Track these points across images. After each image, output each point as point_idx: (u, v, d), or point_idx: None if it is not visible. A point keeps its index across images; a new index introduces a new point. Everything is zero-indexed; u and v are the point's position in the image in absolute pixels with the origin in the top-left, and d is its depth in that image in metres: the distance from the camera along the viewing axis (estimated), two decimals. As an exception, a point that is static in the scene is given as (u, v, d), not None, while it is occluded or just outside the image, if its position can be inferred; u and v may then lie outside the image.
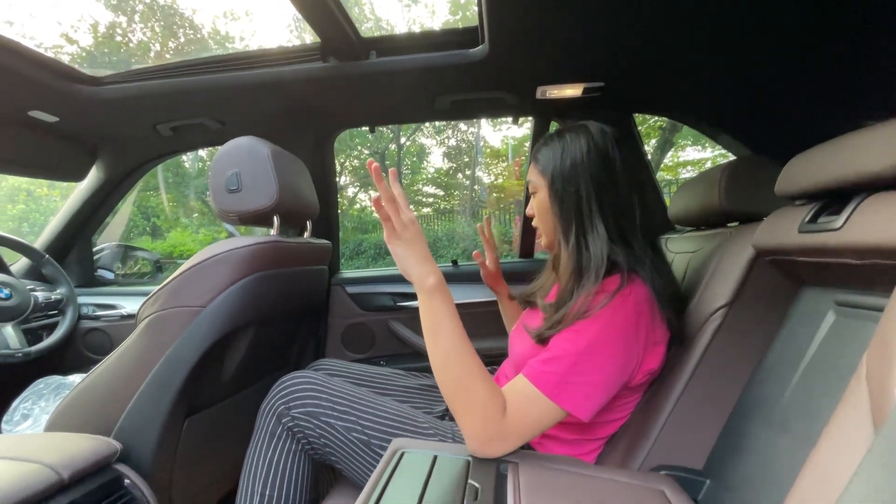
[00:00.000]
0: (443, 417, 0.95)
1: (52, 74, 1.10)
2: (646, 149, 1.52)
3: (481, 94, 1.24)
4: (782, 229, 0.63)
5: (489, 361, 0.73)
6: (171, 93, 1.18)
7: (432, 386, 1.08)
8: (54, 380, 1.17)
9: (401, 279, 1.56)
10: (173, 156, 1.65)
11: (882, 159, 0.47)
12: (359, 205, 9.49)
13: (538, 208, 0.80)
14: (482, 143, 9.64)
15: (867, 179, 0.50)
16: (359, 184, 9.50)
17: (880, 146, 0.48)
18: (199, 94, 1.19)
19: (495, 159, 9.36)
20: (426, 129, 9.52)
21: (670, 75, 1.13)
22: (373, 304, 1.55)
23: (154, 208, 8.00)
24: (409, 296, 1.54)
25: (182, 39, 8.56)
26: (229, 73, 1.13)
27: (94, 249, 1.79)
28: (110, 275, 1.85)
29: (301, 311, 1.20)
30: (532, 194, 0.82)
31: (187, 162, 8.35)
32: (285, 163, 0.99)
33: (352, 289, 1.56)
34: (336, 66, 1.09)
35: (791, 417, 0.57)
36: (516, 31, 0.93)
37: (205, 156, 8.33)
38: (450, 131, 9.61)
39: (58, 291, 1.42)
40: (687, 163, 6.97)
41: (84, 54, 7.65)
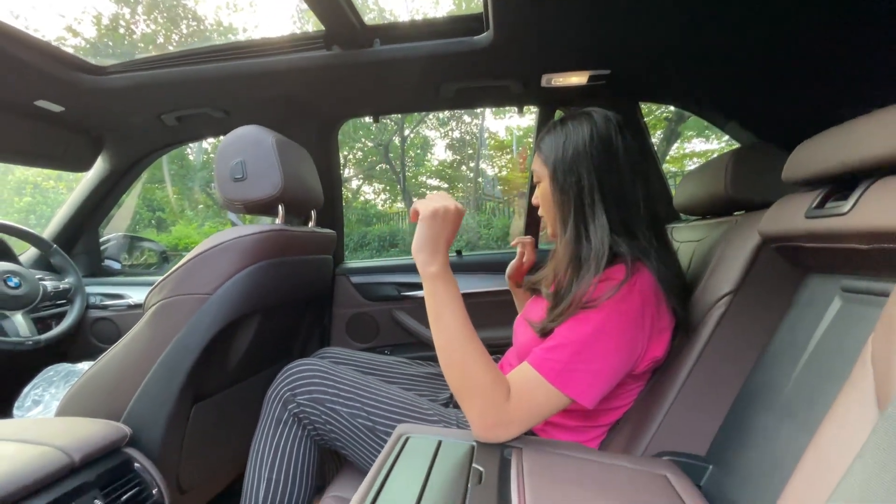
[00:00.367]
0: (447, 405, 0.96)
1: (58, 63, 1.11)
2: (652, 141, 1.50)
3: (486, 83, 1.23)
4: (789, 215, 0.63)
5: (493, 351, 0.73)
6: (174, 82, 1.18)
7: (437, 374, 1.08)
8: (64, 367, 1.18)
9: (405, 269, 1.56)
10: (178, 146, 1.65)
11: (890, 144, 0.47)
12: (362, 197, 9.50)
13: (542, 198, 0.80)
14: (486, 135, 9.59)
15: (875, 164, 0.49)
16: (362, 176, 9.49)
17: (888, 131, 0.48)
18: (202, 83, 1.19)
19: (499, 151, 9.32)
20: (430, 121, 9.47)
21: (677, 62, 1.12)
22: (377, 294, 1.55)
23: (159, 201, 8.03)
24: (413, 286, 1.55)
25: (185, 31, 8.54)
26: (233, 62, 1.13)
27: (100, 240, 1.81)
28: (117, 265, 1.87)
29: (306, 300, 1.21)
30: (536, 184, 0.81)
31: (191, 154, 8.37)
32: (290, 152, 0.99)
33: (356, 279, 1.57)
34: (340, 55, 1.09)
35: (795, 404, 0.57)
36: (521, 17, 0.92)
37: (209, 148, 8.34)
38: (453, 123, 9.56)
39: (66, 281, 1.44)
40: (694, 154, 6.92)
41: (88, 46, 7.65)
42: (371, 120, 1.53)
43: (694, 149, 6.98)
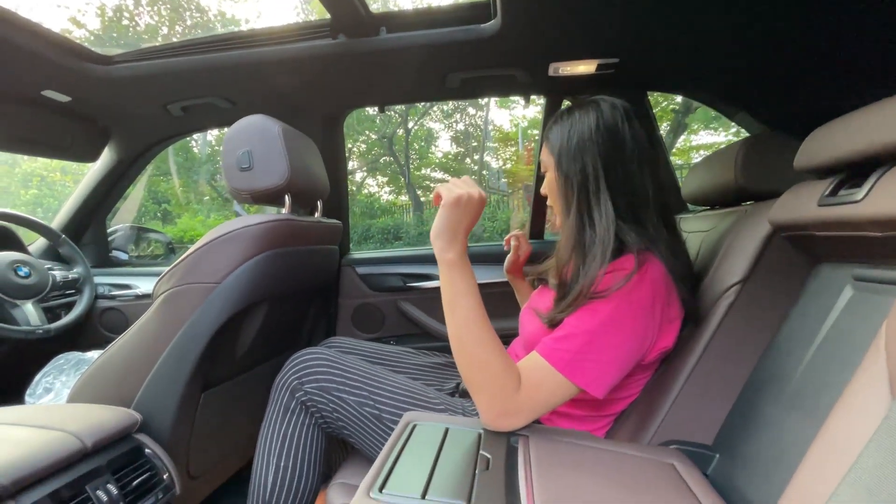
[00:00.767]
0: (453, 394, 0.97)
1: (65, 53, 1.11)
2: (660, 132, 1.49)
3: (493, 72, 1.22)
4: (801, 203, 0.62)
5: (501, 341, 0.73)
6: (180, 71, 1.18)
7: (443, 364, 1.09)
8: (74, 355, 1.20)
9: (410, 260, 1.57)
10: (184, 136, 1.66)
11: None
12: (367, 190, 9.49)
13: (549, 188, 0.80)
14: (490, 127, 9.54)
15: (890, 151, 0.49)
16: (367, 169, 9.48)
17: None
18: (208, 72, 1.19)
19: (504, 143, 9.27)
20: (434, 113, 9.43)
21: (686, 51, 1.10)
22: (383, 285, 1.56)
23: (164, 193, 8.07)
24: (419, 276, 1.55)
25: (189, 22, 8.52)
26: (239, 51, 1.13)
27: (108, 231, 1.82)
28: (124, 256, 1.88)
29: (312, 290, 1.21)
30: (544, 174, 0.81)
31: (196, 147, 8.38)
32: (296, 141, 0.99)
33: (362, 269, 1.57)
34: (346, 43, 1.08)
35: (803, 393, 0.57)
36: (529, 4, 0.91)
37: (213, 141, 8.35)
38: (458, 115, 9.51)
39: (75, 271, 1.45)
40: (700, 146, 6.85)
41: (92, 38, 7.65)
42: (376, 111, 1.52)
43: (701, 141, 6.93)
